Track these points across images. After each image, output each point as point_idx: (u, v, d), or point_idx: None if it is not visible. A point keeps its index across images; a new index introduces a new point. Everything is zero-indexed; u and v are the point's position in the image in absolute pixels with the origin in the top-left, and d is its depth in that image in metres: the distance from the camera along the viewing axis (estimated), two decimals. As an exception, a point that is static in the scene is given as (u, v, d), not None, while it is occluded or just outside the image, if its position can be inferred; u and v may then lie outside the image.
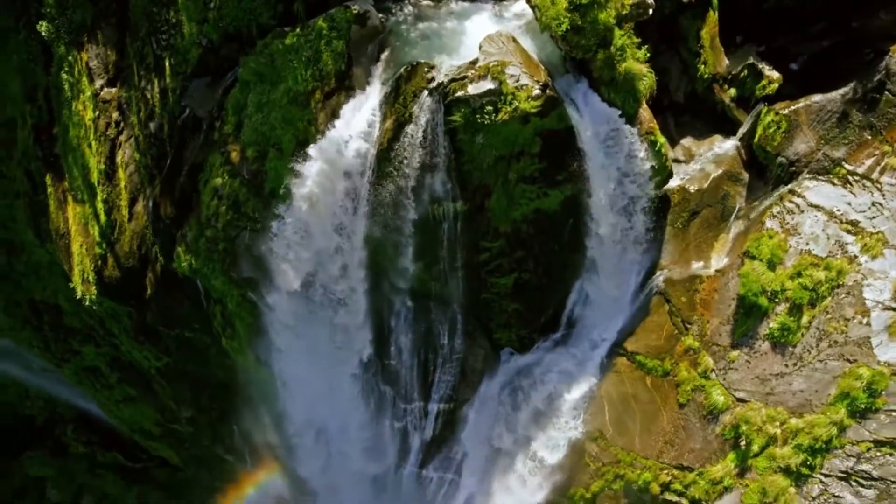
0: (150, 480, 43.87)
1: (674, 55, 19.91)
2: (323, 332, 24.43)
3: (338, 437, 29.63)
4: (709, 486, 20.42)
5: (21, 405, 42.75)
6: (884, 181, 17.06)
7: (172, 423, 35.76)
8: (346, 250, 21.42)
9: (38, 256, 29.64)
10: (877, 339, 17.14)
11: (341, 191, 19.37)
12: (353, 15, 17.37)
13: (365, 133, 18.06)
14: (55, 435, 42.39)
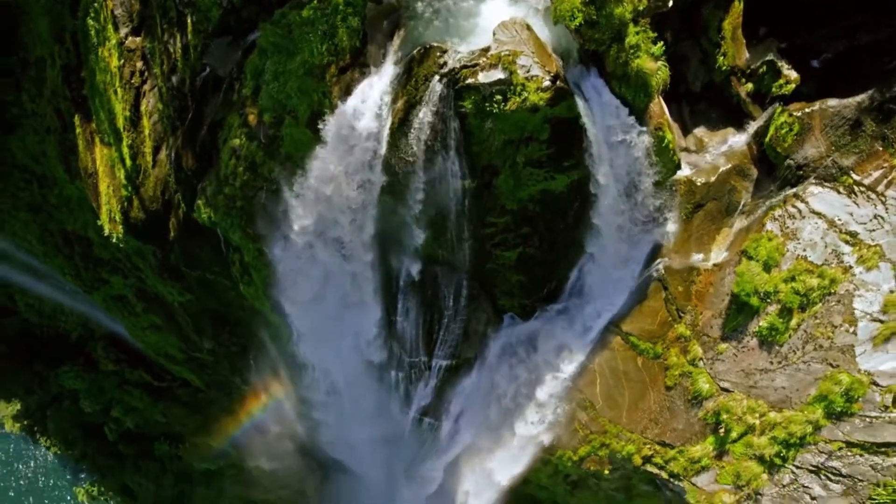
0: (173, 398, 46.73)
1: (694, 44, 19.55)
2: (334, 289, 25.53)
3: (344, 378, 31.31)
4: (687, 463, 21.50)
5: (56, 321, 45.33)
6: (889, 195, 17.01)
7: (194, 352, 37.76)
8: (359, 215, 22.09)
9: (68, 191, 30.83)
10: (861, 348, 17.56)
11: (354, 162, 19.85)
12: (369, -7, 17.35)
13: (377, 111, 18.35)
14: (87, 352, 45.06)
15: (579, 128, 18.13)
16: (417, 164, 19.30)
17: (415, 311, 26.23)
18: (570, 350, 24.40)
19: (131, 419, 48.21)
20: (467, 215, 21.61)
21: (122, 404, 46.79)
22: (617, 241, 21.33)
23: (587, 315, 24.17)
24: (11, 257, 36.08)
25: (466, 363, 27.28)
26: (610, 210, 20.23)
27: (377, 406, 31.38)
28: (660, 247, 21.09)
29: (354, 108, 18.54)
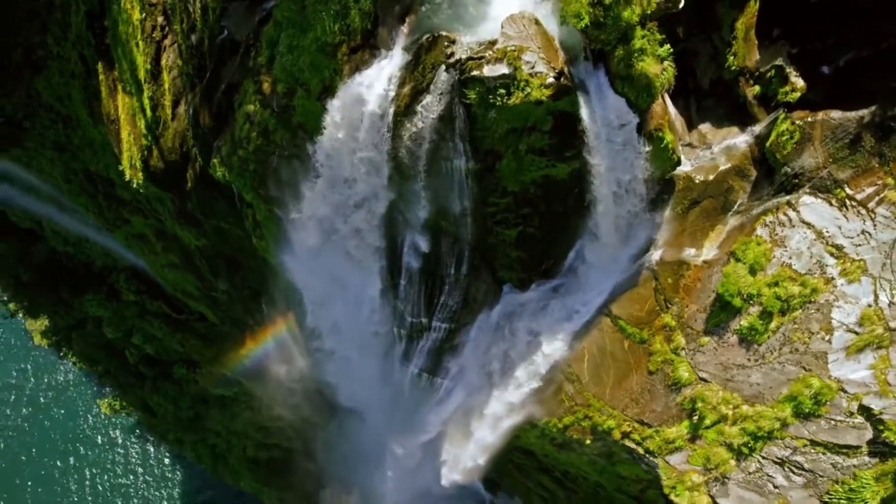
0: (191, 330, 48.92)
1: (706, 40, 19.50)
2: (341, 249, 26.54)
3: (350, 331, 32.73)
4: (662, 443, 22.69)
5: (81, 248, 47.15)
6: (878, 212, 17.30)
7: (210, 291, 39.39)
8: (368, 184, 22.81)
9: (92, 134, 31.76)
10: (834, 356, 18.25)
11: (360, 140, 20.44)
12: (382, -23, 17.53)
13: (384, 93, 18.79)
14: (109, 282, 47.02)
15: (581, 121, 18.46)
16: (422, 147, 19.83)
17: (418, 276, 27.21)
18: (563, 325, 25.32)
19: (151, 346, 50.67)
20: (470, 194, 22.21)
21: (143, 332, 49.12)
22: (613, 230, 21.86)
23: (581, 294, 24.95)
24: (38, 191, 37.46)
25: (465, 327, 28.38)
26: (607, 200, 20.70)
27: (380, 355, 32.86)
28: (654, 238, 21.61)
29: (363, 89, 18.98)
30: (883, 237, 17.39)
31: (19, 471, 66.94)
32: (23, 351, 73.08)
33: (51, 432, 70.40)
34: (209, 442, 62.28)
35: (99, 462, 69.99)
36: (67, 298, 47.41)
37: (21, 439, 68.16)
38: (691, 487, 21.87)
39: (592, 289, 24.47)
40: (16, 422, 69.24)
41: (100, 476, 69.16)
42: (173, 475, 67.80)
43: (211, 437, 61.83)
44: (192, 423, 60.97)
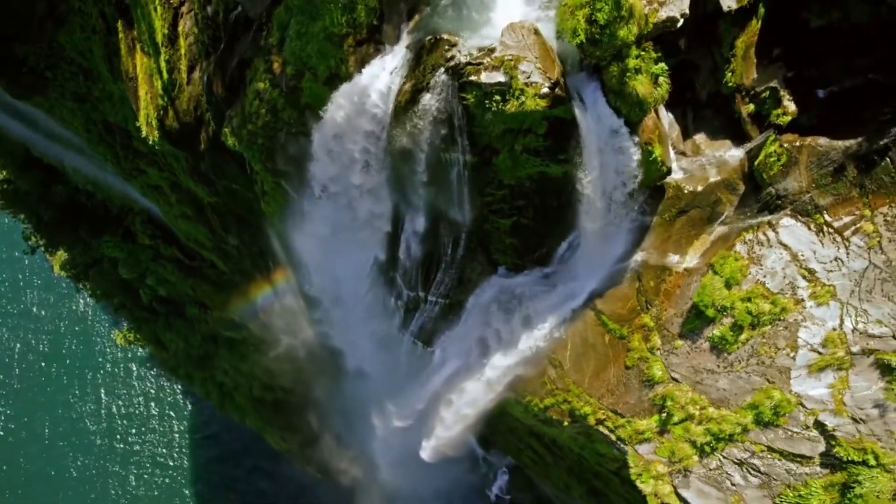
0: (202, 276, 50.53)
1: (707, 53, 19.72)
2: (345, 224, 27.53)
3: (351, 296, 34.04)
4: (633, 432, 23.90)
5: (100, 190, 48.51)
6: (853, 241, 17.85)
7: (221, 244, 40.72)
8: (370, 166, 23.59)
9: (111, 88, 32.55)
10: (796, 372, 19.12)
11: (364, 126, 21.13)
12: (389, -24, 17.92)
13: (386, 88, 19.39)
14: (126, 224, 48.51)
15: (575, 129, 18.98)
16: (421, 139, 20.50)
17: (416, 252, 28.20)
18: (552, 312, 26.31)
19: (164, 289, 52.52)
20: (467, 184, 22.93)
21: (156, 275, 50.86)
22: (602, 229, 22.53)
23: (570, 285, 25.82)
24: (60, 136, 38.53)
25: (459, 303, 29.48)
26: (597, 202, 21.32)
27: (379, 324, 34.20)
28: (640, 241, 22.29)
29: (366, 81, 19.58)
30: (854, 266, 17.98)
31: (39, 395, 70.42)
32: (44, 280, 75.77)
33: (68, 359, 73.54)
34: (217, 379, 64.66)
35: (114, 389, 73.17)
36: (85, 238, 49.06)
37: (40, 365, 71.44)
38: (656, 476, 23.13)
39: (581, 281, 25.30)
40: (35, 348, 72.40)
41: (115, 402, 72.40)
42: (183, 408, 70.88)
43: (219, 375, 64.15)
44: (201, 361, 63.20)
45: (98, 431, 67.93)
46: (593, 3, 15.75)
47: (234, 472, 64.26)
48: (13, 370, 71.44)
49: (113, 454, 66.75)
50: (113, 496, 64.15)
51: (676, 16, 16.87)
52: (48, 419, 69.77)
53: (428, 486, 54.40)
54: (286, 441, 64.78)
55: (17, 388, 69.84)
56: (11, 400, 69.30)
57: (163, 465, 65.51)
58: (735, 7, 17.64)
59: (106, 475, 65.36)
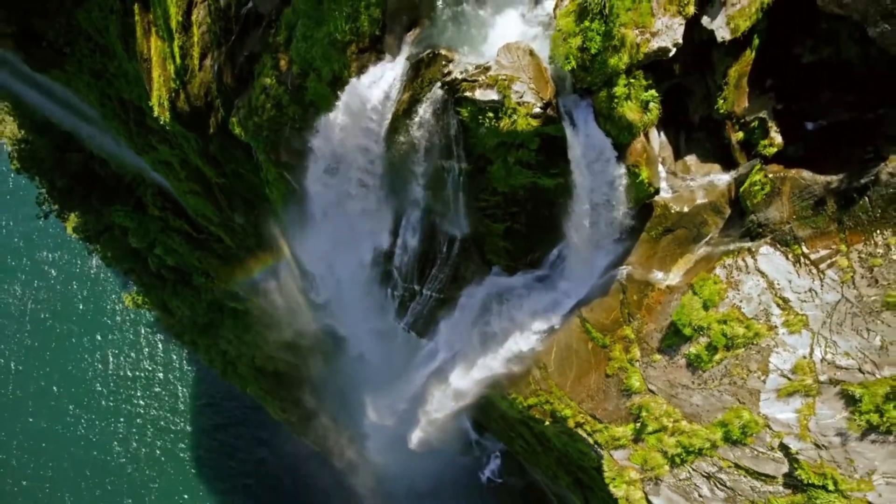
0: (208, 249, 51.57)
1: (701, 79, 20.03)
2: (345, 217, 28.26)
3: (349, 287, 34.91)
4: (609, 438, 24.68)
5: (113, 159, 49.45)
6: (828, 274, 18.34)
7: (228, 221, 41.62)
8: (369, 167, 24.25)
9: (126, 66, 33.22)
10: (766, 395, 19.76)
11: (364, 129, 21.73)
12: (392, -11, 18.37)
13: (385, 96, 19.95)
14: (137, 195, 49.49)
15: (566, 147, 19.48)
16: (418, 146, 21.09)
17: (413, 247, 28.92)
18: (540, 314, 27.00)
19: (171, 259, 53.62)
20: (462, 190, 23.52)
21: (164, 245, 51.90)
22: (589, 242, 23.10)
23: (559, 291, 26.46)
24: (76, 108, 39.36)
25: (452, 299, 30.25)
26: (586, 216, 21.87)
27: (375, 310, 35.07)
28: (627, 255, 22.84)
29: (366, 88, 20.13)
30: (828, 298, 18.48)
31: (49, 352, 72.25)
32: (57, 239, 77.20)
33: (79, 318, 75.19)
34: (221, 347, 65.96)
35: (121, 351, 74.85)
36: (97, 206, 50.12)
37: (51, 322, 73.20)
38: (629, 482, 23.96)
39: (570, 287, 25.94)
40: (47, 306, 74.07)
41: (122, 364, 74.09)
42: (187, 374, 72.56)
43: (223, 344, 65.42)
44: (206, 328, 64.45)
45: (104, 392, 69.81)
46: (585, 32, 16.16)
47: (235, 441, 65.96)
48: (25, 326, 73.26)
49: (118, 414, 68.65)
50: (115, 456, 66.17)
51: (668, 46, 17.22)
52: (57, 376, 71.64)
53: (420, 467, 55.64)
54: (285, 412, 66.32)
55: (28, 344, 71.73)
56: (23, 356, 71.24)
57: (165, 428, 67.35)
58: (729, 38, 17.93)
59: (110, 435, 67.34)
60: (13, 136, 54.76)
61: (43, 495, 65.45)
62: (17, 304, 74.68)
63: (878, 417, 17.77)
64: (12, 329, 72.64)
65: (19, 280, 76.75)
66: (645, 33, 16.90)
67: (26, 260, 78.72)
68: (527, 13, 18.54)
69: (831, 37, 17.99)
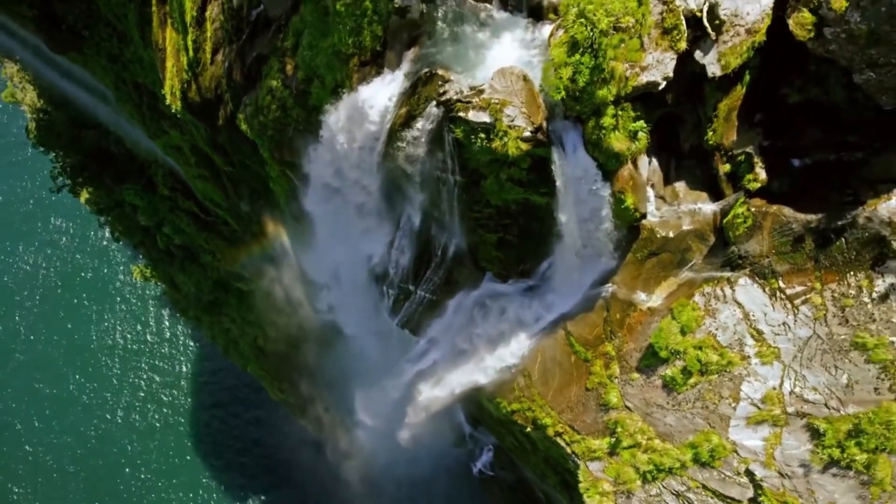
0: (216, 231, 52.52)
1: (692, 109, 20.43)
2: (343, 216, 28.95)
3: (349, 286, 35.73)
4: (586, 450, 25.38)
5: (126, 137, 50.37)
6: (802, 310, 18.82)
7: (235, 207, 42.48)
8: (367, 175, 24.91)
9: (142, 53, 33.94)
10: (735, 421, 20.35)
11: (361, 137, 22.34)
12: (394, 7, 18.91)
13: (383, 109, 20.53)
14: (149, 174, 50.44)
15: (555, 169, 19.99)
16: (414, 158, 21.69)
17: (409, 248, 29.60)
18: (527, 325, 27.64)
19: (179, 238, 54.64)
20: (457, 200, 24.11)
21: (173, 225, 52.92)
22: (577, 258, 23.66)
23: (547, 302, 27.05)
24: (94, 88, 40.21)
25: (445, 301, 30.93)
26: (573, 235, 22.43)
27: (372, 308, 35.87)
28: (613, 273, 23.38)
29: (365, 100, 20.72)
30: (800, 333, 18.98)
31: (57, 320, 73.60)
32: (69, 208, 78.17)
33: (87, 287, 76.33)
34: (224, 325, 67.05)
35: (128, 321, 76.02)
36: (109, 184, 51.12)
37: (60, 291, 74.51)
38: (602, 493, 24.68)
39: (557, 300, 26.53)
40: (56, 272, 75.20)
41: (127, 334, 75.23)
42: (190, 350, 73.77)
43: (226, 322, 66.51)
44: (211, 306, 65.52)
45: (108, 362, 71.20)
46: (576, 65, 16.63)
47: (233, 419, 67.23)
48: (34, 292, 74.61)
49: (120, 385, 70.08)
50: (116, 426, 67.69)
51: (658, 80, 17.67)
52: (65, 344, 73.01)
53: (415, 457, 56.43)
54: (283, 392, 67.48)
55: (37, 311, 73.19)
56: (31, 322, 72.70)
57: (165, 402, 68.74)
58: (719, 74, 18.33)
59: (112, 404, 68.81)
60: (33, 105, 55.88)
61: (43, 461, 67.20)
62: (27, 269, 75.84)
63: (839, 453, 18.33)
64: (22, 294, 74.05)
65: (31, 245, 77.78)
66: (635, 67, 17.36)
67: (39, 224, 79.77)
68: (525, 38, 18.98)
69: (820, 78, 18.33)
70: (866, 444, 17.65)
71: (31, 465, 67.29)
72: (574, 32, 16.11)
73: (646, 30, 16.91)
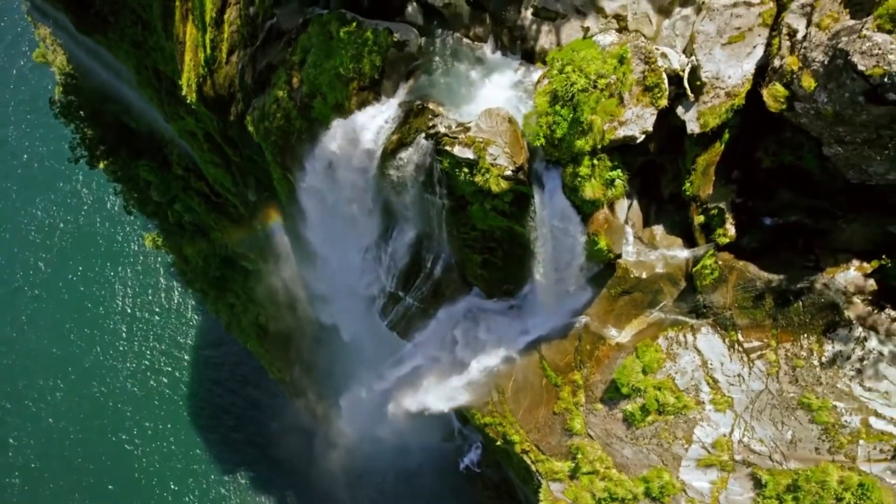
0: (225, 213, 53.79)
1: (673, 160, 21.17)
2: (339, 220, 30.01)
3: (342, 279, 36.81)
4: (549, 470, 26.40)
5: (146, 116, 51.59)
6: (757, 364, 19.61)
7: (243, 194, 43.67)
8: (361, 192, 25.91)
9: (163, 43, 35.02)
10: (686, 462, 21.24)
11: (357, 157, 23.31)
12: (392, 41, 19.79)
13: (377, 132, 21.47)
14: (165, 153, 51.75)
15: (534, 206, 20.86)
16: (405, 182, 22.64)
17: (400, 257, 30.61)
18: (506, 343, 28.60)
19: (189, 216, 56.04)
20: (444, 221, 25.04)
21: (184, 203, 54.29)
22: (555, 287, 24.53)
23: (528, 323, 27.99)
24: (117, 69, 41.46)
25: (432, 310, 31.96)
26: (551, 266, 23.30)
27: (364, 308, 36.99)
28: (588, 305, 24.23)
29: (362, 122, 21.66)
30: (753, 386, 19.78)
31: (65, 280, 75.21)
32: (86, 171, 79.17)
33: (99, 252, 77.73)
34: (229, 301, 68.44)
35: (136, 289, 77.41)
36: (125, 159, 52.51)
37: (71, 253, 76.09)
38: (560, 513, 25.74)
39: (536, 323, 27.45)
40: (69, 235, 76.76)
41: (138, 298, 76.36)
42: (194, 322, 75.20)
43: (231, 297, 67.90)
44: (217, 281, 66.82)
45: (114, 328, 72.85)
46: (555, 115, 17.44)
47: (230, 396, 68.69)
48: (47, 254, 76.31)
49: (124, 351, 71.82)
50: (114, 392, 69.52)
51: (636, 134, 18.42)
52: (72, 306, 74.47)
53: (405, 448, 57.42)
54: (280, 372, 68.98)
55: (49, 272, 74.99)
56: (41, 283, 74.44)
57: (166, 372, 70.42)
58: (698, 131, 19.02)
59: (115, 371, 70.57)
60: (62, 68, 57.44)
61: (44, 421, 69.25)
62: (40, 229, 77.30)
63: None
64: (35, 256, 75.85)
65: (46, 206, 79.07)
66: (614, 121, 18.12)
67: (61, 183, 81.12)
68: (515, 80, 19.79)
69: (795, 145, 18.95)
70: (802, 500, 18.47)
71: (29, 419, 69.31)
72: (555, 86, 16.90)
73: (626, 87, 17.64)
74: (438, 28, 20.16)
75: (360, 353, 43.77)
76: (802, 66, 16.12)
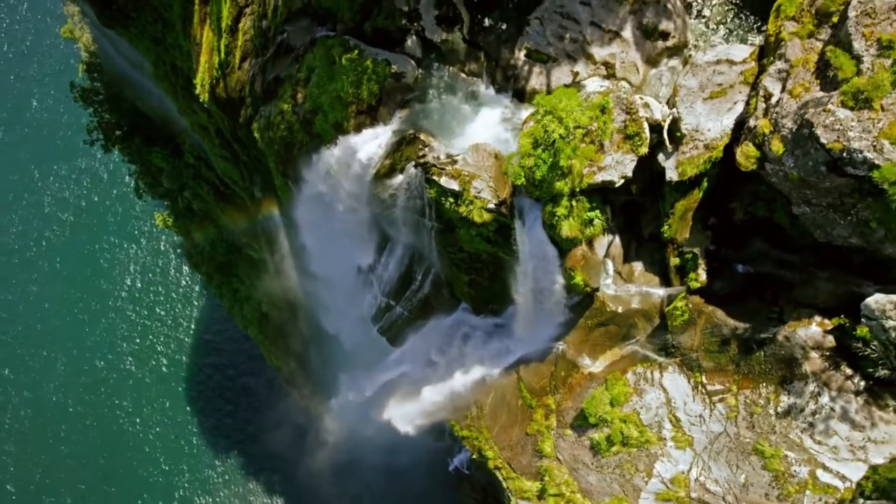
0: (232, 203, 54.84)
1: (654, 201, 21.89)
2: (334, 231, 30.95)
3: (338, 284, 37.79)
4: (519, 488, 27.26)
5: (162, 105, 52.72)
6: (718, 407, 20.34)
7: (249, 189, 44.72)
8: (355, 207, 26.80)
9: (182, 42, 36.04)
10: (645, 495, 22.03)
11: (351, 176, 24.20)
12: (390, 72, 20.63)
13: (371, 155, 22.34)
14: (177, 142, 52.90)
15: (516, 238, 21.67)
16: (395, 203, 23.53)
17: (392, 269, 31.52)
18: (487, 362, 29.47)
19: (197, 204, 57.21)
20: (434, 241, 25.88)
21: (193, 191, 55.46)
22: (535, 312, 25.34)
23: (511, 342, 28.84)
24: (136, 61, 42.59)
25: (421, 321, 32.86)
26: (531, 294, 24.11)
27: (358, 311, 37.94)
28: (566, 333, 25.01)
29: (357, 144, 22.53)
30: (713, 427, 20.51)
31: (74, 256, 76.54)
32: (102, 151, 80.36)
33: (110, 230, 78.91)
34: (233, 286, 69.52)
35: (143, 267, 78.51)
36: (139, 145, 53.75)
37: (82, 231, 77.41)
38: (526, 531, 26.61)
39: (517, 344, 28.28)
40: (82, 212, 78.07)
41: (147, 276, 77.35)
42: (199, 305, 76.30)
43: (235, 283, 68.95)
44: (222, 266, 67.88)
45: (120, 306, 74.33)
46: (536, 158, 18.23)
47: (228, 383, 69.81)
48: (59, 229, 77.67)
49: (127, 328, 73.23)
50: (114, 368, 70.97)
51: (614, 179, 19.16)
52: (79, 283, 75.66)
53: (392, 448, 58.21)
54: (278, 360, 70.13)
55: (59, 247, 76.48)
56: (49, 259, 75.80)
57: (167, 353, 71.77)
58: (676, 179, 19.73)
59: (116, 348, 72.04)
60: (87, 46, 58.61)
61: (43, 391, 70.77)
62: (56, 202, 78.58)
63: (726, 543, 19.94)
64: (49, 228, 77.32)
65: (63, 180, 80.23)
66: (593, 166, 18.88)
67: (80, 159, 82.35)
68: (505, 116, 20.57)
69: (769, 199, 19.61)
70: (748, 542, 19.21)
71: (27, 388, 70.70)
72: (535, 130, 17.68)
73: (607, 135, 18.38)
74: (436, 62, 20.96)
75: (352, 350, 44.77)
76: (774, 129, 16.80)
